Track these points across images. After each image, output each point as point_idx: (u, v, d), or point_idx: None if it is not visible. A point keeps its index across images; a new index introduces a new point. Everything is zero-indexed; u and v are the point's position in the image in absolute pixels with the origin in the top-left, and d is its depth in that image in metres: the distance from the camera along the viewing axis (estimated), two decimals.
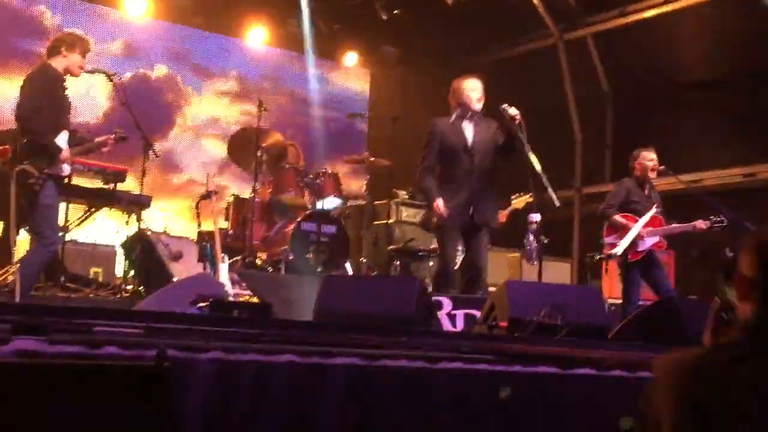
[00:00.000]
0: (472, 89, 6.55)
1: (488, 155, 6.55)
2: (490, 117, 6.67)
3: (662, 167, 7.75)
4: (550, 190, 6.61)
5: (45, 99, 6.11)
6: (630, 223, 7.53)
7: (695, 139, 11.27)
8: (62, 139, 6.19)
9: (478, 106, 6.54)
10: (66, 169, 6.25)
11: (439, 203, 6.37)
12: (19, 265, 5.75)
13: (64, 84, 6.32)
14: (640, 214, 7.52)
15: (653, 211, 7.51)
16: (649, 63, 12.08)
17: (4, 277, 6.14)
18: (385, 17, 12.12)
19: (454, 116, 6.62)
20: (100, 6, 11.23)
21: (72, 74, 6.38)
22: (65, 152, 6.14)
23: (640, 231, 7.46)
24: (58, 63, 6.27)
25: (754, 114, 10.39)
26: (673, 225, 7.69)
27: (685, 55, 11.28)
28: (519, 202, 7.68)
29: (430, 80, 12.85)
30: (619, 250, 7.44)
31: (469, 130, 6.55)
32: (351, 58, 13.01)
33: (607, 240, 7.62)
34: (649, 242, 7.51)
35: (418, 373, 3.15)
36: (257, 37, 12.31)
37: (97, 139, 6.71)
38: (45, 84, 6.17)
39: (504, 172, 6.93)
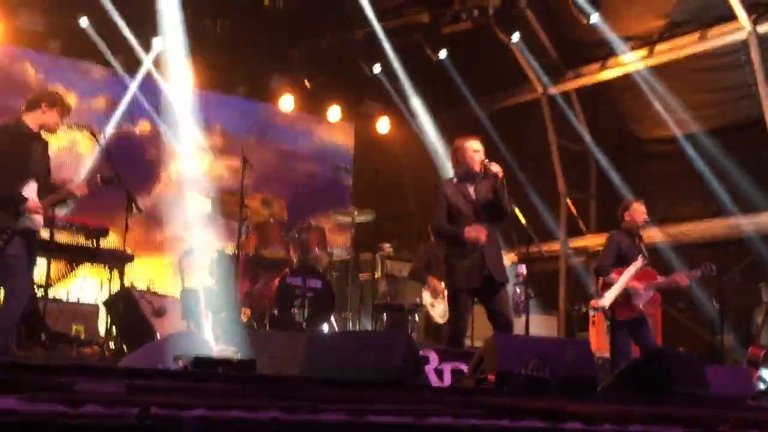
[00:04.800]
0: (476, 150, 6.55)
1: (492, 214, 6.56)
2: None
3: (648, 219, 7.77)
4: (536, 242, 6.62)
5: (12, 152, 6.06)
6: (620, 277, 7.49)
7: (679, 191, 11.37)
8: (30, 190, 6.12)
9: (479, 167, 6.53)
10: (37, 220, 6.15)
11: (470, 230, 6.32)
12: None
13: (41, 139, 6.29)
14: (629, 266, 7.48)
15: (640, 262, 7.48)
16: (631, 116, 12.22)
17: None
18: (368, 72, 12.23)
19: (456, 178, 6.62)
20: (83, 62, 11.26)
21: (48, 131, 6.36)
22: (31, 202, 6.04)
23: (634, 285, 7.40)
24: (34, 118, 6.24)
25: (737, 166, 10.47)
26: (667, 278, 7.65)
27: (667, 108, 11.40)
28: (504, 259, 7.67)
29: (414, 134, 12.96)
30: (605, 302, 7.41)
31: (472, 190, 6.55)
32: (335, 112, 13.07)
33: (602, 296, 7.55)
34: (646, 297, 7.45)
35: (406, 428, 3.09)
36: (240, 92, 12.36)
37: (68, 186, 6.60)
38: (14, 138, 6.14)
39: None
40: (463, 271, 6.34)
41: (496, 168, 6.37)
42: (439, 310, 9.16)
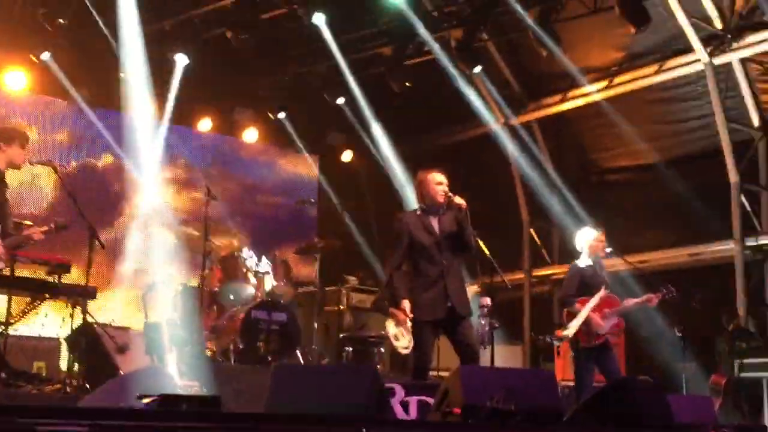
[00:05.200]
0: (438, 183, 6.57)
1: (456, 246, 6.57)
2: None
3: (609, 249, 7.85)
4: (500, 272, 6.65)
5: None
6: (583, 306, 7.56)
7: (640, 220, 11.50)
8: None
9: (442, 200, 6.55)
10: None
11: (405, 305, 6.35)
12: None
13: (3, 178, 6.26)
14: (593, 294, 7.55)
15: (602, 292, 7.55)
16: (591, 146, 12.37)
17: None
18: (332, 104, 12.28)
19: (419, 210, 6.63)
20: (45, 96, 11.19)
21: (15, 167, 6.32)
22: None
23: (595, 315, 7.46)
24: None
25: (696, 195, 10.62)
26: (628, 301, 7.73)
27: (630, 138, 11.57)
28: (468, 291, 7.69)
29: (378, 164, 13.00)
30: (569, 332, 7.46)
31: (435, 223, 6.55)
32: (299, 144, 13.07)
33: (568, 325, 7.60)
34: (608, 325, 7.52)
35: None
36: (204, 124, 12.36)
37: (25, 232, 6.58)
38: None
39: None
40: (425, 303, 6.35)
41: (459, 200, 6.41)
42: (402, 342, 9.11)
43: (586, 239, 7.83)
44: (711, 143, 11.05)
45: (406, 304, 6.33)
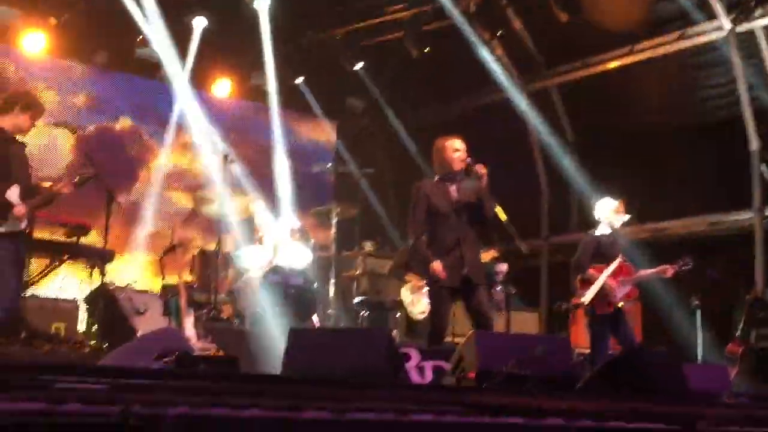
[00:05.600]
0: (456, 149, 6.56)
1: (473, 214, 6.58)
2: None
3: (628, 216, 7.83)
4: (517, 239, 6.66)
5: None
6: (599, 274, 7.57)
7: (659, 189, 11.42)
8: (13, 194, 6.11)
9: (460, 166, 6.55)
10: (22, 222, 6.17)
11: (437, 266, 6.36)
12: None
13: (18, 141, 6.28)
14: (609, 262, 7.57)
15: (618, 260, 7.56)
16: (614, 112, 12.28)
17: None
18: (350, 69, 12.22)
19: (437, 177, 6.63)
20: (63, 60, 11.19)
21: (20, 133, 6.35)
22: (19, 207, 6.06)
23: (611, 282, 7.48)
24: (8, 121, 6.24)
25: (716, 164, 10.54)
26: (643, 271, 7.74)
27: (648, 105, 11.47)
28: (484, 256, 7.70)
29: (395, 131, 12.96)
30: (586, 299, 7.48)
31: (453, 190, 6.55)
32: (317, 109, 13.03)
33: (581, 292, 7.63)
34: (620, 293, 7.54)
35: (388, 426, 3.11)
36: (222, 89, 12.34)
37: (50, 185, 6.59)
38: None
39: None
40: (444, 270, 6.37)
41: (481, 169, 6.41)
42: (418, 308, 9.18)
43: (605, 208, 7.82)
44: (732, 111, 10.94)
45: (438, 264, 6.34)
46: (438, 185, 6.58)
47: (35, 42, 10.57)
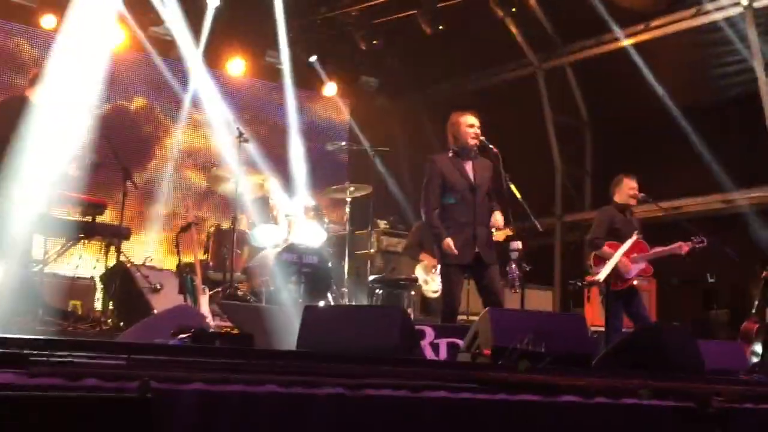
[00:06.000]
0: (470, 125, 6.56)
1: (487, 192, 6.58)
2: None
3: (642, 194, 7.81)
4: (532, 217, 6.65)
5: (18, 127, 6.11)
6: (614, 251, 7.56)
7: (674, 166, 11.37)
8: None
9: (474, 142, 6.54)
10: None
11: (449, 242, 6.36)
12: None
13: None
14: (623, 240, 7.56)
15: (634, 237, 7.55)
16: (627, 91, 12.20)
17: None
18: (364, 47, 12.19)
19: (451, 152, 6.62)
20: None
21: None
22: None
23: (625, 260, 7.47)
24: (37, 93, 6.29)
25: (732, 141, 10.49)
26: (657, 249, 7.72)
27: (662, 83, 11.38)
28: (499, 234, 7.68)
29: (409, 109, 12.93)
30: (601, 276, 7.46)
31: (469, 166, 6.55)
32: (331, 88, 13.02)
33: (596, 269, 7.62)
34: (635, 269, 7.53)
35: (403, 402, 3.12)
36: (236, 67, 12.33)
37: (62, 169, 6.67)
38: (19, 113, 6.18)
39: None
40: (456, 248, 6.37)
41: (494, 149, 6.46)
42: (432, 286, 9.20)
43: (617, 185, 7.81)
44: (748, 88, 10.85)
45: (449, 241, 6.35)
46: (453, 161, 6.57)
47: (50, 19, 10.59)
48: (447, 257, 6.41)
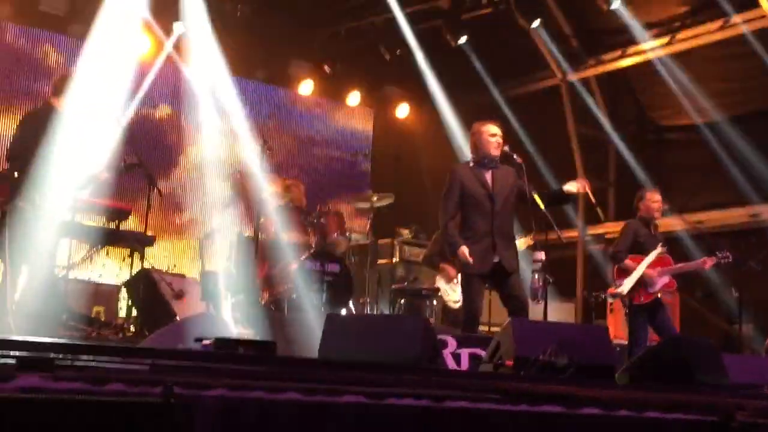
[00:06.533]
0: (492, 134, 6.56)
1: (508, 201, 6.57)
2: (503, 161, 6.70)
3: (666, 207, 7.78)
4: (555, 227, 6.64)
5: (43, 136, 6.16)
6: (636, 264, 7.53)
7: (698, 180, 11.30)
8: None
9: (496, 152, 6.55)
10: None
11: (464, 250, 6.35)
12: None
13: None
14: (646, 254, 7.53)
15: (658, 250, 7.52)
16: (651, 103, 12.16)
17: None
18: (388, 57, 12.21)
19: (472, 162, 6.63)
20: None
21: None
22: None
23: (649, 272, 7.44)
24: (60, 101, 6.34)
25: (757, 154, 10.40)
26: (681, 264, 7.69)
27: (686, 96, 11.32)
28: (521, 243, 7.68)
29: (433, 119, 12.93)
30: (624, 289, 7.44)
31: (489, 176, 6.55)
32: (354, 97, 13.05)
33: (618, 282, 7.60)
34: (660, 283, 7.50)
35: (424, 412, 3.12)
36: (260, 77, 12.37)
37: (90, 173, 6.71)
38: (45, 122, 6.23)
39: None
40: (474, 257, 6.35)
41: (519, 160, 6.46)
42: (453, 296, 9.18)
43: (641, 199, 7.78)
44: None
45: (465, 249, 6.34)
46: (473, 170, 6.57)
47: (76, 29, 10.68)
48: (467, 266, 6.40)
